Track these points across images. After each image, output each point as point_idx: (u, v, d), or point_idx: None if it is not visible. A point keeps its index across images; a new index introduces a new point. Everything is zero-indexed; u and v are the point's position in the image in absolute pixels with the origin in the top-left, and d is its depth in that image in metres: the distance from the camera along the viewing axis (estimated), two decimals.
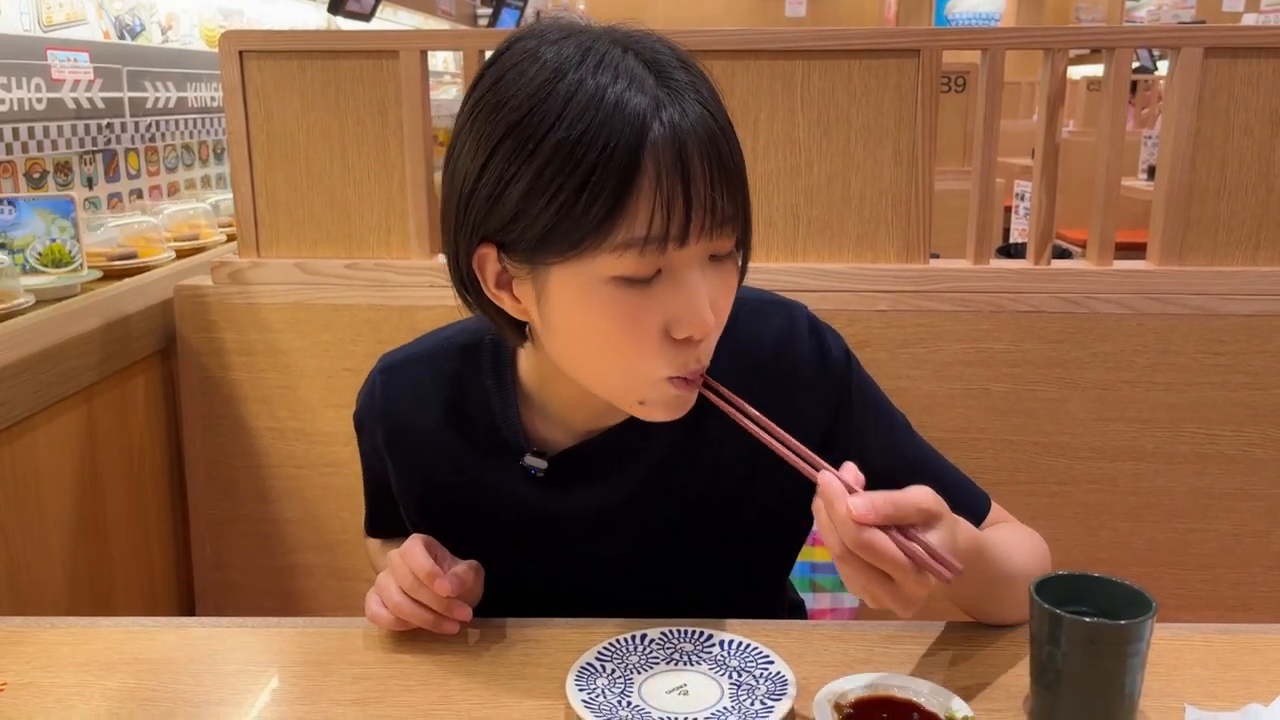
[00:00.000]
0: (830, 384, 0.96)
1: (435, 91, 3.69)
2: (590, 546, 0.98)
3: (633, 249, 0.75)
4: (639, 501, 0.96)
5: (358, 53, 1.51)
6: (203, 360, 1.56)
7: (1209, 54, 1.43)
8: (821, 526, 0.76)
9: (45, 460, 1.34)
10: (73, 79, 1.87)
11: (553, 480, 0.95)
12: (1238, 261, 1.49)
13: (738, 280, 0.85)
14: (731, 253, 0.82)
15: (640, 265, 0.76)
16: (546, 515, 0.97)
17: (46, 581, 1.35)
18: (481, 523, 0.99)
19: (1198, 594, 1.54)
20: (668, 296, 0.78)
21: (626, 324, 0.78)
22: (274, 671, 0.91)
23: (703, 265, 0.79)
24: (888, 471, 0.95)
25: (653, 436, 0.93)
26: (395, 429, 0.99)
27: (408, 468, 1.01)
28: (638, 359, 0.80)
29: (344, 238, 1.57)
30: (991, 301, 1.48)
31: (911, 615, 0.77)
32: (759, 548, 1.02)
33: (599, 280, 0.77)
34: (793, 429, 0.87)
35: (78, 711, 0.84)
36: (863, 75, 1.47)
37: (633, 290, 0.77)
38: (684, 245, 0.76)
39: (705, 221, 0.76)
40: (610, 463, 0.95)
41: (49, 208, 1.58)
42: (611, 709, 0.81)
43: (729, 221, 0.79)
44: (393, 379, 1.00)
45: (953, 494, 0.98)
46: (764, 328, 0.96)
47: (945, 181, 2.10)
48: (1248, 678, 0.88)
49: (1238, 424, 1.49)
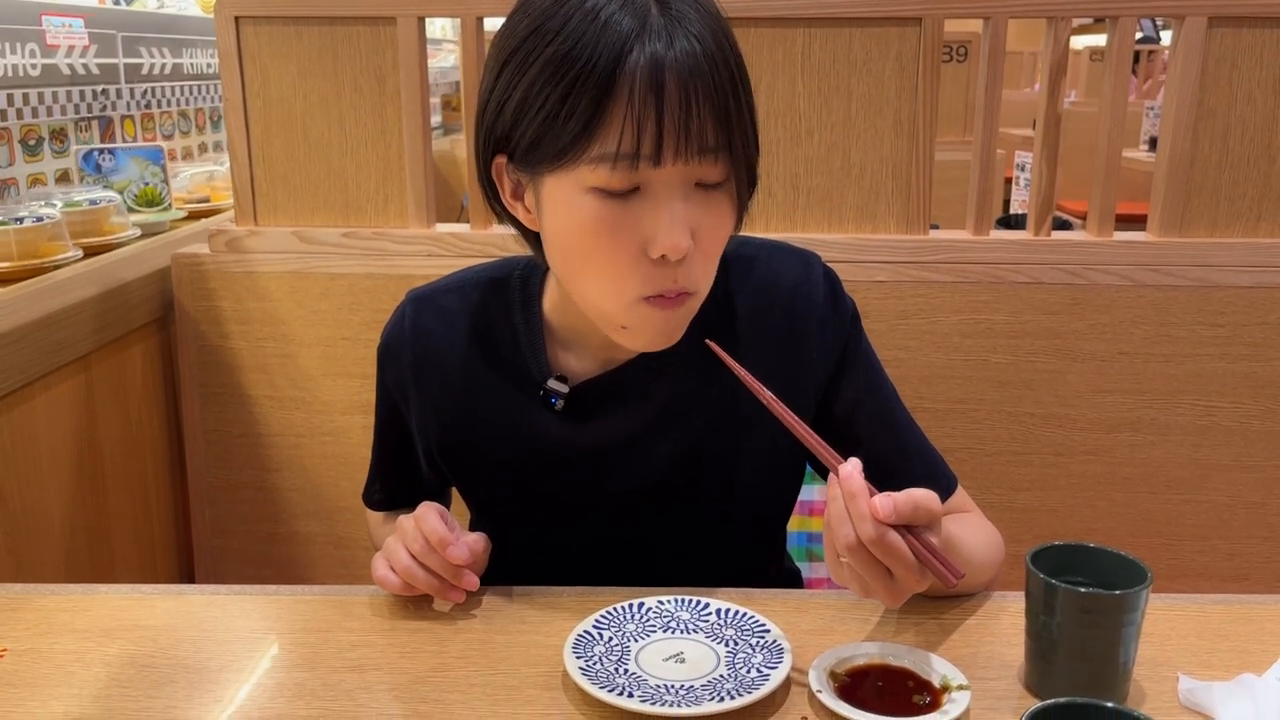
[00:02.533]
0: (839, 332, 1.00)
1: (433, 59, 3.67)
2: (602, 484, 1.00)
3: (606, 163, 0.80)
4: (651, 436, 0.99)
5: (355, 19, 1.49)
6: (201, 329, 1.56)
7: (1213, 23, 1.42)
8: (835, 517, 0.77)
9: (44, 428, 1.35)
10: (67, 45, 1.85)
11: (571, 411, 0.98)
12: (1238, 233, 1.49)
13: (733, 214, 0.87)
14: (721, 184, 0.84)
15: (614, 178, 0.80)
16: (563, 448, 0.99)
17: (46, 549, 1.36)
18: (500, 458, 1.01)
19: (1193, 564, 1.55)
20: (644, 214, 0.82)
21: (603, 235, 0.82)
22: (273, 638, 0.91)
23: (685, 190, 0.82)
24: (869, 436, 1.00)
25: (667, 372, 0.97)
26: (423, 356, 1.01)
27: (432, 397, 1.02)
28: (615, 273, 0.84)
29: (341, 206, 1.56)
30: (990, 273, 1.48)
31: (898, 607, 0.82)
32: (759, 496, 1.04)
33: (581, 190, 0.82)
34: (800, 370, 0.94)
35: (78, 677, 0.85)
36: (864, 43, 1.45)
37: (611, 203, 0.82)
38: (659, 165, 0.80)
39: (681, 145, 0.79)
40: (626, 395, 0.98)
41: (143, 155, 1.84)
42: (609, 676, 0.81)
43: (714, 151, 0.81)
44: (422, 308, 1.02)
45: (926, 469, 1.02)
46: (781, 270, 1.00)
47: (946, 152, 2.09)
48: (1241, 647, 0.89)
49: (1236, 396, 1.49)
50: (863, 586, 0.79)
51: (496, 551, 0.99)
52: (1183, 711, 0.80)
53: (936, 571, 0.78)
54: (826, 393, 1.00)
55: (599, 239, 0.83)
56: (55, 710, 0.80)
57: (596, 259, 0.84)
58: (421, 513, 0.92)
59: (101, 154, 1.84)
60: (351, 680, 0.84)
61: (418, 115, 1.51)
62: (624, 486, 1.00)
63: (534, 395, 0.98)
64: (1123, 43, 1.46)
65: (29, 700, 0.82)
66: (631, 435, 0.99)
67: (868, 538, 0.76)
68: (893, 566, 0.77)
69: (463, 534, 0.93)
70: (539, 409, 0.98)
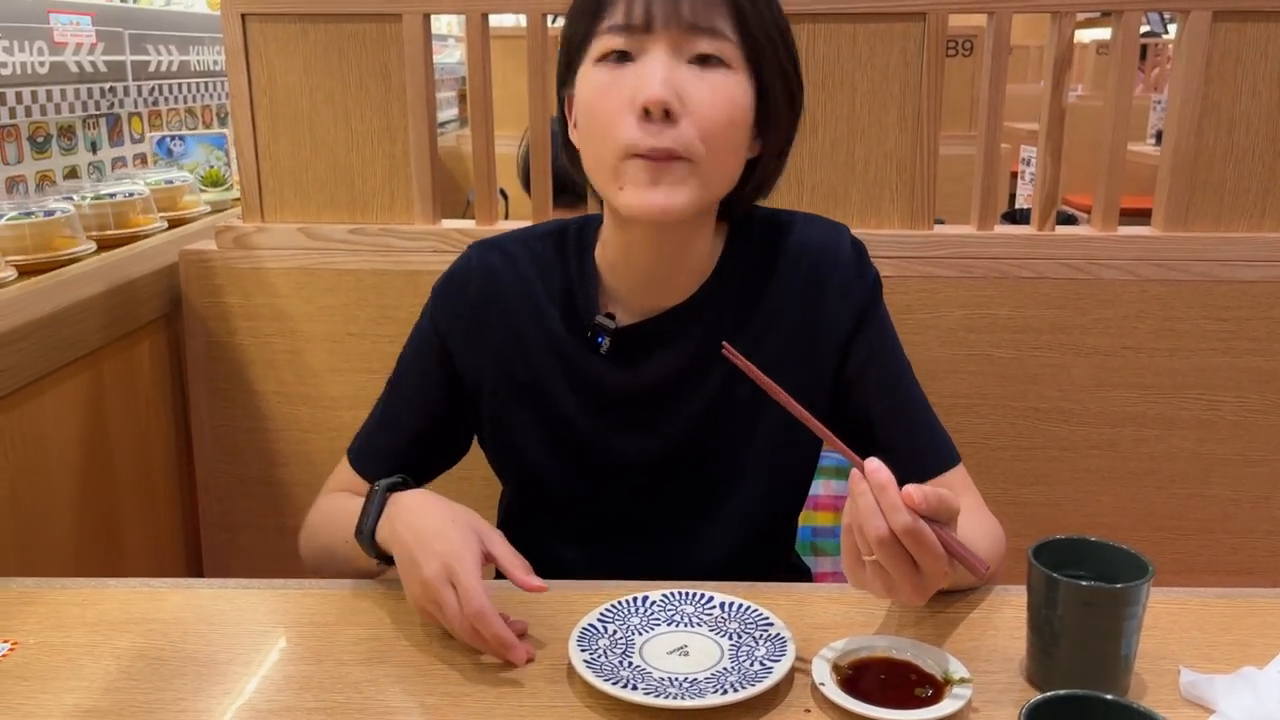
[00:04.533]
0: (861, 296, 1.05)
1: (438, 55, 3.67)
2: (632, 432, 1.05)
3: (611, 34, 0.92)
4: (688, 381, 1.04)
5: (361, 16, 1.50)
6: (208, 324, 1.57)
7: (1217, 17, 1.42)
8: (865, 511, 0.77)
9: (53, 424, 1.35)
10: (75, 42, 1.86)
11: (615, 355, 1.03)
12: (1243, 228, 1.49)
13: (741, 100, 0.93)
14: (724, 64, 0.92)
15: (612, 44, 0.92)
16: (605, 389, 1.04)
17: (55, 543, 1.37)
18: (546, 400, 1.06)
19: (1198, 559, 1.55)
20: (634, 74, 0.91)
21: (603, 94, 0.92)
22: (281, 631, 0.92)
23: (676, 57, 0.91)
24: (875, 398, 1.04)
25: (703, 318, 1.03)
26: (489, 292, 1.07)
27: (492, 334, 1.06)
28: (609, 125, 0.92)
29: (348, 202, 1.57)
30: (995, 267, 1.48)
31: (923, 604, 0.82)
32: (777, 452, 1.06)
33: (592, 65, 0.94)
34: (821, 323, 1.03)
35: (88, 670, 0.86)
36: (868, 39, 1.46)
37: (612, 68, 0.92)
38: (650, 31, 0.90)
39: (671, 16, 0.89)
40: (666, 340, 1.04)
41: (209, 141, 2.06)
42: (613, 669, 0.82)
43: (708, 31, 0.90)
44: (487, 251, 1.09)
45: (928, 439, 1.05)
46: (813, 233, 1.07)
47: (952, 146, 2.09)
48: (1243, 641, 0.89)
49: (1240, 390, 1.49)
50: (887, 585, 0.79)
51: (536, 481, 1.05)
52: (1184, 704, 0.80)
53: (967, 562, 0.78)
54: (845, 350, 1.05)
55: (599, 99, 0.92)
56: (66, 702, 0.81)
57: (598, 117, 0.93)
58: (483, 610, 0.85)
59: (172, 140, 2.07)
60: (358, 673, 0.85)
61: (423, 111, 1.52)
62: (655, 431, 1.05)
63: (583, 338, 1.04)
64: (1127, 37, 1.46)
65: (40, 692, 0.83)
66: (668, 377, 1.04)
67: (901, 527, 0.76)
68: (923, 558, 0.77)
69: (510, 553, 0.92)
70: (586, 352, 1.04)
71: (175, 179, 1.89)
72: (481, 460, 1.14)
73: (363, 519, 0.97)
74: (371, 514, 0.96)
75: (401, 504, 0.95)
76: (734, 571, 1.00)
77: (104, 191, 1.65)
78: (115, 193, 1.66)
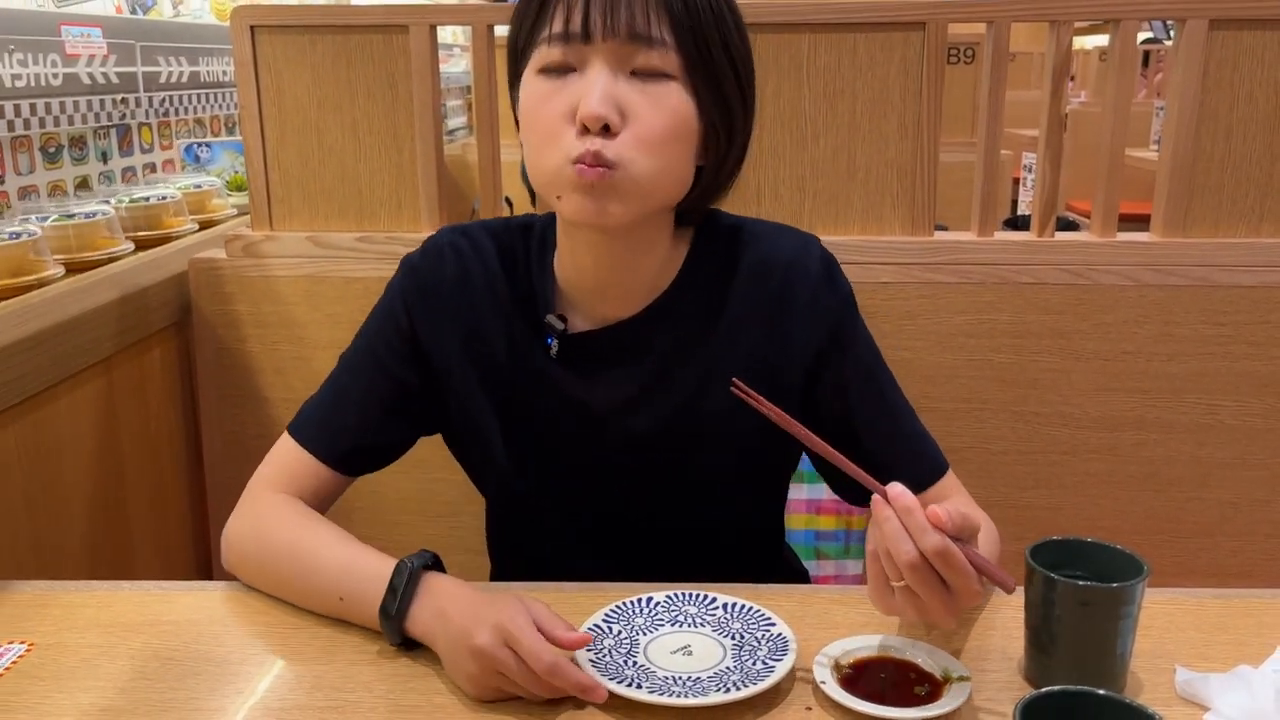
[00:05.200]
0: (831, 310, 1.03)
1: (445, 64, 3.68)
2: (597, 440, 1.03)
3: (550, 43, 0.90)
4: (645, 393, 1.02)
5: (368, 27, 1.52)
6: (218, 332, 1.59)
7: (1214, 25, 1.44)
8: (893, 535, 0.78)
9: (66, 430, 1.37)
10: (87, 54, 1.88)
11: (568, 362, 1.02)
12: (1241, 233, 1.50)
13: (682, 111, 0.91)
14: (664, 75, 0.90)
15: (551, 55, 0.90)
16: (557, 393, 1.03)
17: (68, 548, 1.39)
18: (502, 396, 1.04)
19: (1197, 562, 1.56)
20: (575, 87, 0.90)
21: (543, 104, 0.91)
22: (292, 631, 0.93)
23: (616, 70, 0.89)
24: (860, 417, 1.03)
25: (661, 329, 1.01)
26: (458, 274, 1.05)
27: (458, 314, 1.04)
28: (549, 137, 0.91)
29: (355, 211, 1.59)
30: (995, 273, 1.49)
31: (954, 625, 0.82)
32: (751, 469, 1.07)
33: (533, 74, 0.92)
34: (787, 341, 1.01)
35: (103, 670, 0.87)
36: (868, 48, 1.47)
37: (552, 79, 0.91)
38: (589, 42, 0.89)
39: (607, 26, 0.88)
40: (621, 351, 1.02)
41: (233, 148, 2.15)
42: (618, 669, 0.83)
43: (648, 40, 0.88)
44: (458, 236, 1.07)
45: (915, 451, 1.04)
46: (781, 245, 1.04)
47: (954, 153, 2.11)
48: (1239, 640, 0.91)
49: (1239, 394, 1.50)
50: (919, 609, 0.79)
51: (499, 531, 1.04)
52: (1179, 702, 0.82)
53: (996, 578, 0.79)
54: (816, 367, 1.02)
55: (539, 108, 0.91)
56: (82, 701, 0.83)
57: (538, 128, 0.92)
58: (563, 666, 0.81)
59: (199, 146, 2.19)
60: (369, 672, 0.87)
61: (430, 120, 1.54)
62: (619, 444, 1.03)
63: (538, 337, 1.03)
64: (1125, 45, 1.48)
65: (56, 692, 0.84)
66: (626, 392, 1.02)
67: (932, 549, 0.76)
68: (953, 578, 0.77)
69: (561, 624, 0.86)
70: (542, 354, 1.03)
71: (203, 183, 1.99)
72: None
73: (392, 599, 0.88)
74: (404, 596, 0.88)
75: (438, 587, 0.89)
76: (715, 574, 0.99)
77: (139, 195, 1.77)
78: (149, 196, 1.77)
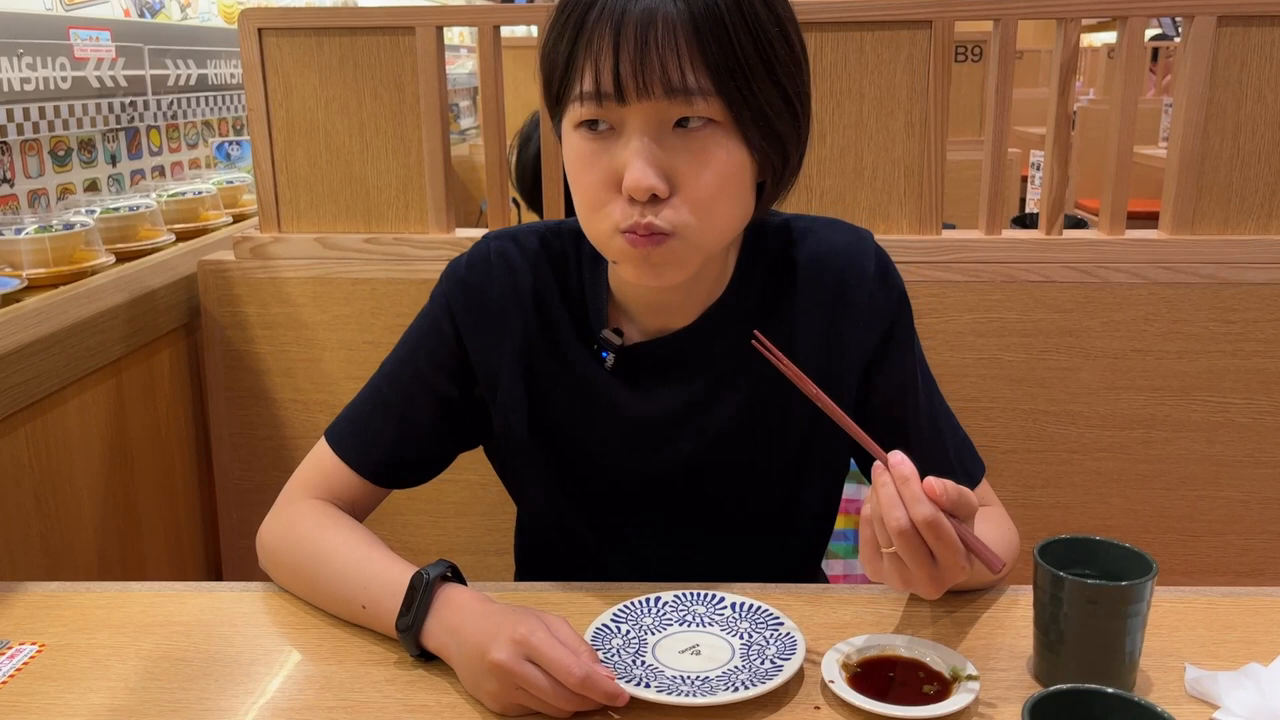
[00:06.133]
0: (887, 306, 1.01)
1: (451, 65, 3.69)
2: (647, 455, 1.01)
3: (582, 101, 0.85)
4: (699, 406, 1.00)
5: (374, 29, 1.52)
6: (226, 333, 1.59)
7: (1222, 22, 1.43)
8: (886, 501, 0.78)
9: (77, 431, 1.38)
10: (95, 57, 1.89)
11: (622, 373, 1.00)
12: (1250, 230, 1.50)
13: (732, 157, 0.86)
14: (707, 122, 0.85)
15: (586, 113, 0.85)
16: (612, 408, 1.00)
17: (79, 549, 1.39)
18: (554, 409, 1.02)
19: (1207, 560, 1.56)
20: (616, 151, 0.86)
21: (585, 169, 0.87)
22: (302, 632, 0.94)
23: (658, 129, 0.84)
24: (910, 415, 1.02)
25: (717, 340, 0.99)
26: (507, 283, 1.01)
27: (507, 326, 1.01)
28: (596, 205, 0.88)
29: (363, 212, 1.59)
30: (1003, 272, 1.49)
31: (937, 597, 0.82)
32: (802, 481, 1.05)
33: (571, 127, 0.88)
34: (846, 338, 0.99)
35: (114, 671, 0.88)
36: (875, 46, 1.47)
37: (592, 139, 0.86)
38: (624, 103, 0.83)
39: (642, 84, 0.82)
40: (675, 363, 1.00)
41: None
42: (626, 667, 0.84)
43: (685, 92, 0.83)
44: (506, 243, 1.03)
45: (958, 453, 1.04)
46: (836, 240, 1.02)
47: (962, 151, 2.10)
48: (1249, 638, 0.90)
49: (1249, 392, 1.50)
50: (904, 577, 0.80)
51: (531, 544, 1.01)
52: (1189, 700, 0.81)
53: (983, 557, 0.79)
54: (871, 365, 1.02)
55: (582, 172, 0.88)
56: (93, 702, 0.83)
57: (581, 192, 0.89)
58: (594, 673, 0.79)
59: (230, 144, 2.30)
60: (378, 673, 0.87)
61: (436, 122, 1.54)
62: (673, 455, 1.01)
63: (590, 349, 1.00)
64: (1132, 42, 1.47)
65: (67, 693, 0.85)
66: (682, 403, 1.00)
67: (922, 519, 0.77)
68: (941, 551, 0.78)
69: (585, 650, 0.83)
70: (594, 365, 1.00)
71: (236, 179, 2.10)
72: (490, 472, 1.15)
73: (408, 613, 0.87)
74: (418, 609, 0.86)
75: (453, 602, 0.87)
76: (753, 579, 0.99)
77: (177, 190, 1.91)
78: (186, 191, 1.91)
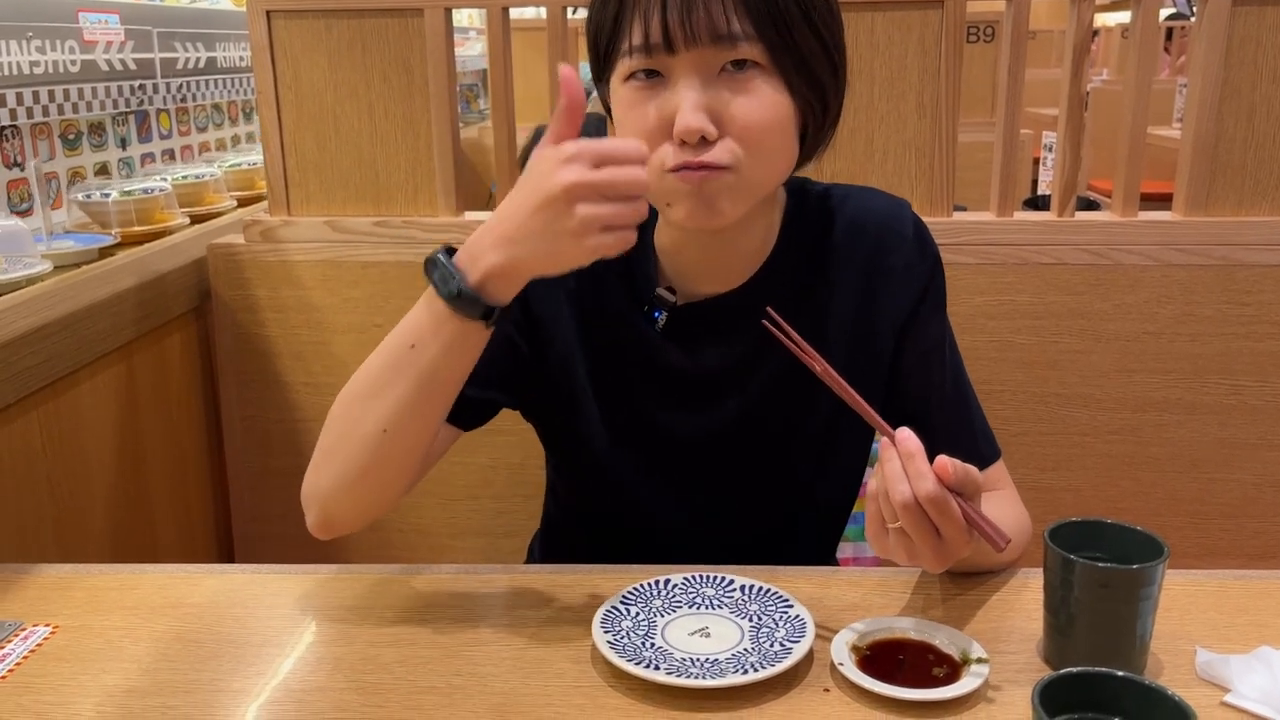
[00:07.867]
0: (923, 272, 1.04)
1: (460, 48, 3.68)
2: (696, 415, 1.04)
3: (634, 55, 0.89)
4: (746, 366, 1.02)
5: (383, 11, 1.52)
6: (237, 317, 1.60)
7: (1237, 2, 1.42)
8: (891, 476, 0.80)
9: (88, 415, 1.39)
10: (104, 41, 1.89)
11: (672, 332, 1.02)
12: (1263, 212, 1.49)
13: (777, 97, 0.89)
14: (754, 64, 0.88)
15: (635, 64, 0.89)
16: (664, 368, 1.03)
17: (91, 531, 1.40)
18: (602, 370, 1.04)
19: (1220, 543, 1.55)
20: (666, 99, 0.89)
21: (637, 116, 0.90)
22: (313, 614, 0.94)
23: (706, 75, 0.88)
24: (935, 385, 1.04)
25: (764, 301, 0.98)
26: None
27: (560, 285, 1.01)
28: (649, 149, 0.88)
29: (372, 195, 1.59)
30: (1015, 254, 1.48)
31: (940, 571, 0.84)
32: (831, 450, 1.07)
33: (620, 82, 0.92)
34: (883, 303, 1.02)
35: (127, 652, 0.88)
36: (885, 27, 1.46)
37: (641, 89, 0.90)
38: (674, 53, 0.87)
39: (690, 34, 0.86)
40: (727, 323, 1.02)
41: None
42: (636, 650, 0.84)
43: (730, 39, 0.86)
44: None
45: (980, 430, 1.06)
46: (875, 206, 1.05)
47: (974, 133, 2.09)
48: (1260, 621, 0.90)
49: (1262, 374, 1.49)
50: (909, 552, 0.81)
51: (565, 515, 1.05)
52: (1200, 683, 0.81)
53: (986, 535, 0.80)
54: (905, 326, 1.03)
55: (633, 120, 0.90)
56: (106, 683, 0.84)
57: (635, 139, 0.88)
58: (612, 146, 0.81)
59: None
60: (389, 654, 0.87)
61: (445, 104, 1.54)
62: (722, 414, 1.04)
63: (641, 312, 1.02)
64: (1147, 22, 1.46)
65: (81, 674, 0.85)
66: (730, 363, 1.02)
67: (926, 494, 0.78)
68: (944, 526, 0.79)
69: None
70: (646, 327, 1.02)
71: (254, 162, 2.13)
72: None
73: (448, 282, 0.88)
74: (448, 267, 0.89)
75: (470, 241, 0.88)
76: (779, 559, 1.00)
77: (189, 173, 1.93)
78: (190, 175, 1.94)
